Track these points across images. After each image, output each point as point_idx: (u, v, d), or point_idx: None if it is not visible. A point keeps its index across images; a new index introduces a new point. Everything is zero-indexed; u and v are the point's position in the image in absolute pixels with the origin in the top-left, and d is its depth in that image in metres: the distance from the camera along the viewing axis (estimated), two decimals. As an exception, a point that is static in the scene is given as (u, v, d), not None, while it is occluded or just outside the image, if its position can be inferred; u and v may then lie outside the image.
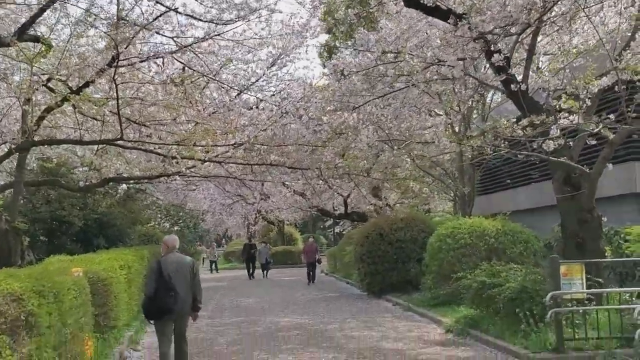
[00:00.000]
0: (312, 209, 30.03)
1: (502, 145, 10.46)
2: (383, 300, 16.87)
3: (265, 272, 28.25)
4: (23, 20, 10.35)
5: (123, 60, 9.98)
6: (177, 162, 13.41)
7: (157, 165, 14.00)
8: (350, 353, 9.40)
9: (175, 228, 25.92)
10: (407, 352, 9.37)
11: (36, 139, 11.11)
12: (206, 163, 16.63)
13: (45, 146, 15.02)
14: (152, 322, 8.01)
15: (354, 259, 19.64)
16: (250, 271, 27.87)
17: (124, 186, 21.67)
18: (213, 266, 33.23)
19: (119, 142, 10.85)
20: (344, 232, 53.35)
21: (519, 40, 10.73)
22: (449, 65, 10.39)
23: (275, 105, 12.71)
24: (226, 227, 52.16)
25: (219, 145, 11.00)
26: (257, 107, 12.35)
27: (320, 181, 25.83)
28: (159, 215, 25.73)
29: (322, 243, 60.61)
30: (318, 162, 12.74)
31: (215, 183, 38.61)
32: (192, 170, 14.43)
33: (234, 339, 11.03)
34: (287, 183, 27.76)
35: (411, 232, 17.51)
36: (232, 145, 10.95)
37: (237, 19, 10.35)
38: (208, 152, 11.88)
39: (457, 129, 19.14)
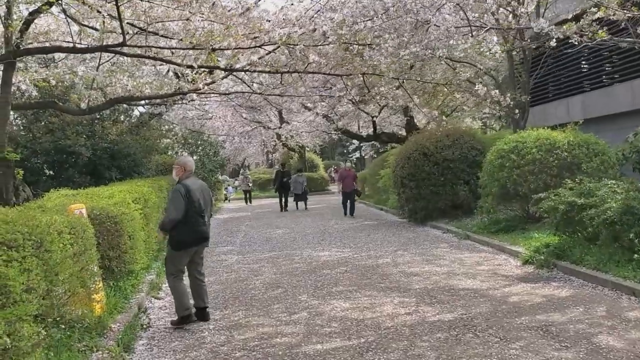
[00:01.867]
0: (337, 132, 28.06)
1: (599, 31, 8.24)
2: (430, 228, 15.09)
3: (299, 203, 24.53)
4: None
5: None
6: (193, 78, 11.46)
7: (169, 83, 12.02)
8: (419, 295, 7.63)
9: (195, 157, 24.13)
10: (489, 293, 7.58)
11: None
12: (225, 79, 14.74)
13: (42, 67, 13.08)
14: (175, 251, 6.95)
15: (392, 183, 17.76)
16: (283, 202, 24.56)
17: (137, 112, 19.78)
18: (247, 196, 31.47)
19: (122, 49, 8.82)
20: (366, 157, 51.59)
21: None
22: None
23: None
24: (245, 155, 50.61)
25: (244, 48, 8.93)
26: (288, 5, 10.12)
27: (348, 100, 23.84)
28: (177, 144, 23.83)
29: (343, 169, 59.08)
30: (359, 68, 10.60)
31: (234, 107, 36.76)
32: (211, 87, 12.44)
33: (273, 280, 9.32)
34: (309, 105, 25.79)
35: (460, 150, 15.56)
36: (261, 46, 8.87)
37: None
38: (234, 56, 9.79)
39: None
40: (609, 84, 17.06)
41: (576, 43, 10.23)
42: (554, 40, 11.07)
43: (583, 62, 17.91)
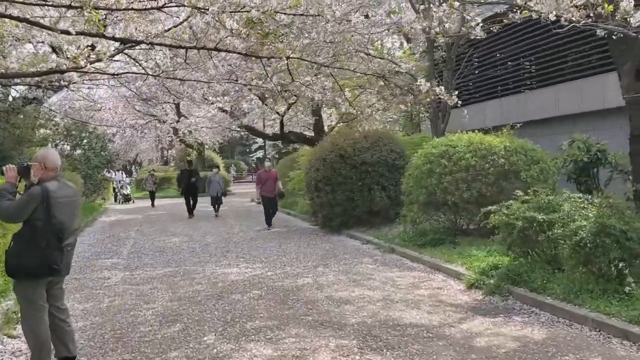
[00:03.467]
0: (241, 129, 26.13)
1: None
2: (347, 238, 13.61)
3: (216, 207, 20.63)
4: None
5: None
6: (74, 55, 9.27)
7: (44, 59, 9.76)
8: (359, 335, 6.00)
9: (78, 151, 21.41)
10: (445, 332, 6.08)
11: None
12: (116, 61, 12.62)
13: None
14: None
15: (305, 186, 16.13)
16: (191, 206, 20.51)
17: (10, 97, 16.97)
18: (152, 197, 27.62)
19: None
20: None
21: None
22: None
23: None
24: (137, 151, 47.32)
25: (138, 10, 6.95)
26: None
27: (255, 95, 22.00)
28: (58, 136, 21.05)
29: (242, 169, 56.93)
30: (283, 50, 8.83)
31: (126, 98, 33.78)
32: (98, 67, 10.25)
33: (168, 310, 7.38)
34: (211, 98, 23.74)
35: (379, 153, 14.18)
36: (162, 7, 6.92)
37: None
38: (125, 26, 7.76)
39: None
40: (530, 89, 16.34)
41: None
42: (480, 28, 9.84)
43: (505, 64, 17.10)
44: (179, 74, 10.82)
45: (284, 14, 7.05)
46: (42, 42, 10.23)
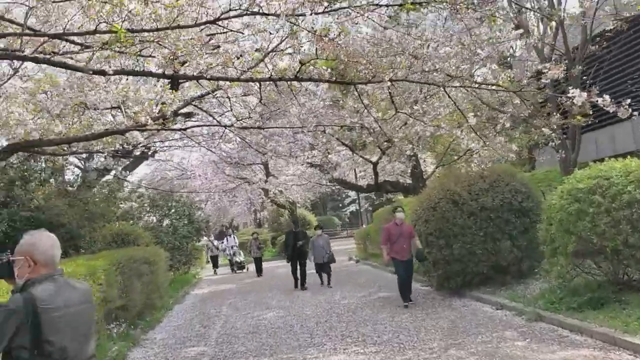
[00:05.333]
0: (332, 183, 24.40)
1: None
2: (473, 302, 11.24)
3: (326, 277, 16.67)
4: None
5: None
6: (135, 112, 7.84)
7: (98, 119, 8.34)
8: None
9: (165, 222, 20.29)
10: None
11: None
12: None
13: None
14: None
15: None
16: (298, 275, 16.89)
17: (76, 169, 15.96)
18: (259, 265, 23.25)
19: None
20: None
21: None
22: None
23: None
24: (231, 216, 46.71)
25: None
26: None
27: (343, 144, 20.27)
28: (145, 207, 20.04)
29: (336, 225, 55.19)
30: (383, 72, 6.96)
31: (215, 163, 33.06)
32: (165, 124, 8.73)
33: None
34: (298, 153, 22.24)
35: (501, 195, 11.85)
36: (214, 21, 5.22)
37: None
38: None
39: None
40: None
41: None
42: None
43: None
44: (256, 124, 9.15)
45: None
46: (96, 107, 8.84)
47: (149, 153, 24.31)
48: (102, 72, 5.73)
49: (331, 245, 17.14)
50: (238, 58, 7.24)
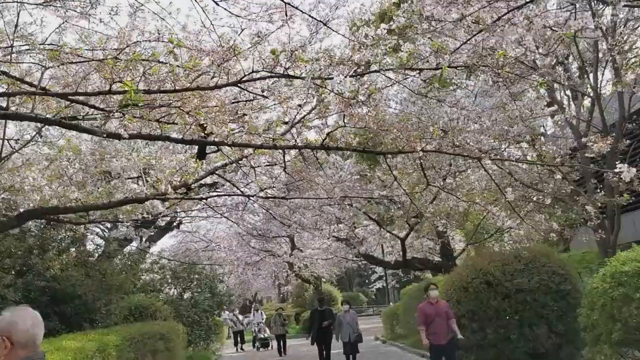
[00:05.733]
0: (359, 258, 23.76)
1: None
2: (508, 391, 10.42)
3: (350, 357, 15.10)
4: None
5: None
6: (157, 179, 7.58)
7: (117, 188, 8.07)
8: None
9: (186, 295, 19.78)
10: None
11: None
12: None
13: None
14: None
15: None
16: (323, 357, 15.55)
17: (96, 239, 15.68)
18: (282, 343, 21.58)
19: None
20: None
21: None
22: None
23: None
24: (254, 289, 45.94)
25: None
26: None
27: (371, 218, 19.82)
28: (166, 279, 19.59)
29: (362, 301, 53.89)
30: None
31: (240, 235, 32.73)
32: (184, 193, 8.43)
33: None
34: (324, 227, 21.82)
35: (538, 277, 11.19)
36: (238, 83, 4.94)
37: None
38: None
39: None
40: None
41: None
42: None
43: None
44: (281, 195, 8.81)
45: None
46: (118, 175, 8.59)
47: (174, 224, 24.22)
48: (117, 136, 5.47)
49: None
50: (265, 131, 7.00)
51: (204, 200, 9.61)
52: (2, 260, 10.06)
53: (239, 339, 27.03)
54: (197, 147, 11.74)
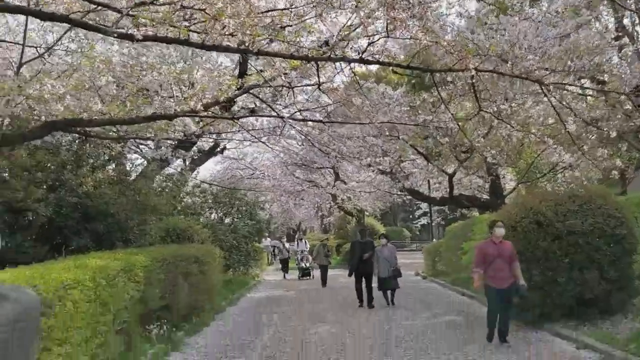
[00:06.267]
0: (403, 192, 23.16)
1: None
2: (552, 336, 9.88)
3: (389, 294, 14.69)
4: None
5: None
6: (187, 95, 7.08)
7: (145, 101, 7.60)
8: None
9: (227, 220, 19.66)
10: None
11: None
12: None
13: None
14: None
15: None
16: (364, 292, 14.80)
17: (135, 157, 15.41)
18: (324, 273, 21.06)
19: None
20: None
21: None
22: None
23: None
24: (298, 219, 46.11)
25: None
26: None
27: (418, 152, 19.08)
28: (208, 203, 19.43)
29: (405, 237, 53.59)
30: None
31: (285, 164, 32.48)
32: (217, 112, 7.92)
33: None
34: (369, 160, 21.21)
35: (592, 219, 10.41)
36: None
37: None
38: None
39: None
40: None
41: None
42: None
43: None
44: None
45: None
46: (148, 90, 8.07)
47: (218, 150, 23.99)
48: (130, 37, 4.94)
49: (398, 257, 15.41)
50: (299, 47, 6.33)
51: (237, 121, 9.08)
52: (34, 174, 9.87)
53: (286, 267, 26.87)
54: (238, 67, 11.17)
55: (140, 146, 15.91)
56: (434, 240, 31.68)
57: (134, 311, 8.27)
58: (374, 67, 23.49)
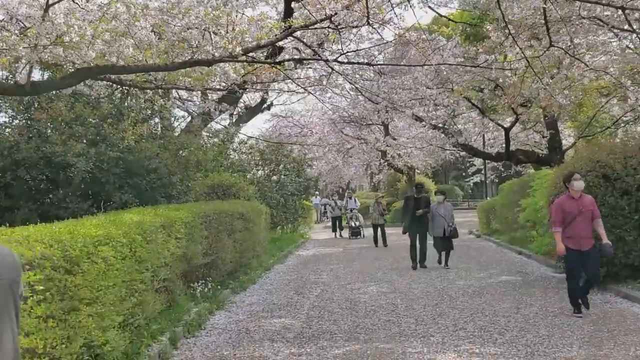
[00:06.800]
0: (457, 148, 22.26)
1: None
2: (616, 298, 9.24)
3: (443, 255, 13.74)
4: None
5: None
6: (227, 39, 6.58)
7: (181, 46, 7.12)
8: None
9: (274, 177, 19.27)
10: None
11: None
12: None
13: None
14: None
15: (548, 220, 11.83)
16: (418, 251, 13.76)
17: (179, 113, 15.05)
18: (378, 232, 19.60)
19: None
20: (487, 182, 44.92)
21: None
22: None
23: None
24: (347, 177, 45.58)
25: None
26: None
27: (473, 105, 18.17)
28: (255, 159, 19.06)
29: (457, 195, 52.53)
30: None
31: (334, 121, 31.87)
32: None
33: None
34: (421, 114, 20.44)
35: (667, 172, 9.56)
36: None
37: None
38: None
39: None
40: None
41: None
42: None
43: None
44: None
45: None
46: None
47: (265, 106, 23.56)
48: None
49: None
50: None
51: (280, 69, 8.49)
52: (74, 128, 9.59)
53: (337, 224, 25.19)
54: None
55: (186, 103, 15.56)
56: (488, 198, 30.77)
57: (176, 269, 7.98)
58: (425, 21, 22.39)
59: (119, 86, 9.86)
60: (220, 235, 10.00)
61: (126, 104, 10.90)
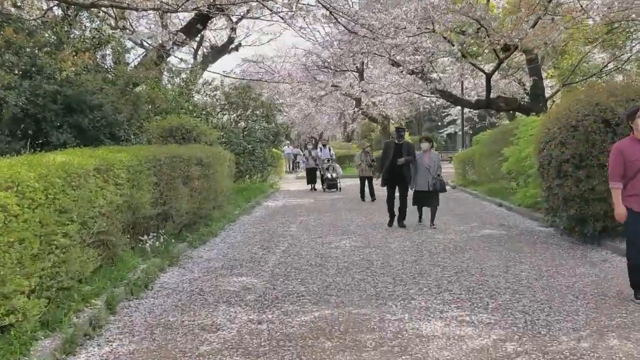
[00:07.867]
0: (435, 94, 21.07)
1: None
2: (616, 255, 8.36)
3: (427, 212, 12.11)
4: None
5: None
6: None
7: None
8: None
9: (241, 124, 17.92)
10: None
11: None
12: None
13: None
14: None
15: (537, 169, 10.85)
16: (397, 206, 12.01)
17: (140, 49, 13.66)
18: (366, 184, 17.81)
19: None
20: (459, 134, 44.02)
21: None
22: None
23: None
24: (320, 128, 44.40)
25: None
26: None
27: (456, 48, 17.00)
28: (219, 103, 17.64)
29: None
30: None
31: (306, 66, 30.50)
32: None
33: None
34: (398, 57, 19.28)
35: (672, 116, 8.57)
36: None
37: None
38: None
39: None
40: None
41: None
42: None
43: None
44: None
45: None
46: None
47: (232, 47, 22.08)
48: None
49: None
50: None
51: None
52: (3, 56, 8.23)
53: (312, 176, 23.05)
54: None
55: (138, 34, 14.05)
56: (463, 149, 29.93)
57: (116, 220, 6.82)
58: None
59: (58, 6, 8.48)
60: (173, 183, 8.83)
61: (66, 29, 9.49)
